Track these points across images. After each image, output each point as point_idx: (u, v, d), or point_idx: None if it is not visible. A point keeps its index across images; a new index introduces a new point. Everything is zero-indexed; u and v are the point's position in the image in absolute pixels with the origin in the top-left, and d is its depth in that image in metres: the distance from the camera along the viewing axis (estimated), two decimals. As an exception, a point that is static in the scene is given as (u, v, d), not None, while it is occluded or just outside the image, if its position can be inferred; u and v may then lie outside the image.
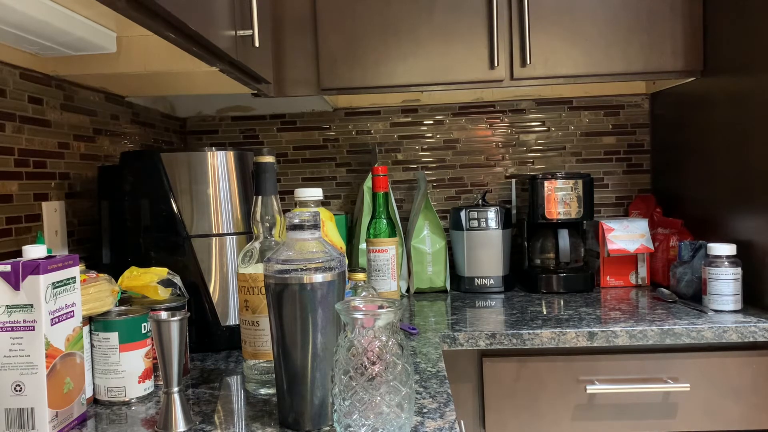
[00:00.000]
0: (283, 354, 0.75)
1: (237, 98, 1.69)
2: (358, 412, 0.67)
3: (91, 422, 0.84)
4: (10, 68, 1.06)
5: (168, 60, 1.11)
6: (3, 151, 1.04)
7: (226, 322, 1.16)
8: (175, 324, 0.77)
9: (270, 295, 0.76)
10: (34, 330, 0.75)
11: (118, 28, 1.03)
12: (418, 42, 1.51)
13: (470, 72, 1.52)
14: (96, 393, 0.90)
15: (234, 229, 1.18)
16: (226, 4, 1.05)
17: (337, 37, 1.52)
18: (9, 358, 0.75)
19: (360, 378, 0.67)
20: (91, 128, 1.33)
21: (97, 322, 0.89)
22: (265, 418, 0.81)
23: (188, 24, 0.84)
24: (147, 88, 1.44)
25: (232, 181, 1.18)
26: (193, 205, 1.15)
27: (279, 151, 1.93)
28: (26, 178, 1.10)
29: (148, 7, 0.75)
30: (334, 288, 0.75)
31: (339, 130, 1.93)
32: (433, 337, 1.21)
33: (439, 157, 1.90)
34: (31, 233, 1.10)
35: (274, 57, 1.50)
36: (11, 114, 1.06)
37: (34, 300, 0.75)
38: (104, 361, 0.89)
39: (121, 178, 1.17)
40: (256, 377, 0.90)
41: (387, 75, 1.52)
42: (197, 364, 1.07)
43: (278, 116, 1.93)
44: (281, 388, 0.77)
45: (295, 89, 1.54)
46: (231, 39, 1.06)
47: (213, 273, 1.16)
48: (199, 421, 0.81)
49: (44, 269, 0.75)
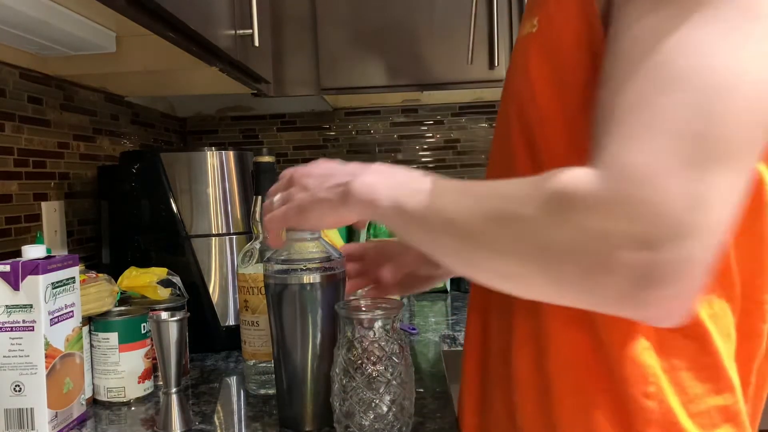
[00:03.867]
0: (282, 354, 0.75)
1: (237, 98, 1.69)
2: (357, 413, 0.67)
3: (90, 422, 0.84)
4: (10, 68, 1.06)
5: (168, 60, 1.10)
6: (2, 151, 1.04)
7: (225, 322, 1.16)
8: (175, 324, 0.77)
9: (270, 295, 0.75)
10: (34, 330, 0.75)
11: (118, 27, 1.02)
12: (418, 42, 1.51)
13: (470, 72, 1.51)
14: (95, 393, 0.90)
15: (234, 229, 1.18)
16: (226, 4, 1.05)
17: (337, 36, 1.51)
18: (8, 359, 0.75)
19: (360, 378, 0.67)
20: (91, 128, 1.33)
21: (96, 322, 0.89)
22: (265, 418, 0.81)
23: (188, 24, 0.84)
24: (147, 87, 1.44)
25: (231, 181, 1.18)
26: (192, 205, 1.15)
27: (279, 151, 1.93)
28: (26, 178, 1.10)
29: (148, 7, 0.75)
30: (334, 288, 0.75)
31: (339, 130, 1.93)
32: (433, 337, 1.21)
33: (439, 157, 1.90)
34: (30, 233, 1.10)
35: (273, 57, 1.50)
36: (11, 114, 1.06)
37: (34, 300, 0.74)
38: (104, 362, 0.89)
39: (121, 178, 1.17)
40: (256, 377, 0.90)
41: (387, 75, 1.52)
42: (197, 364, 1.07)
43: (278, 116, 1.93)
44: (281, 389, 0.76)
45: (294, 89, 1.53)
46: (231, 38, 1.06)
47: (213, 273, 1.16)
48: (198, 421, 0.81)
49: (44, 269, 0.75)
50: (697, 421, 0.55)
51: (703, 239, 0.43)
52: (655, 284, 0.43)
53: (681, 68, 0.44)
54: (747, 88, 0.44)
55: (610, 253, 0.43)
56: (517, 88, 0.62)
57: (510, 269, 0.50)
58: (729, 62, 0.44)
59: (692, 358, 0.55)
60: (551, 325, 0.58)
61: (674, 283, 0.43)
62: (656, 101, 0.45)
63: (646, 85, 0.45)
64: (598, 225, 0.44)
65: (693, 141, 0.43)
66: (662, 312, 0.45)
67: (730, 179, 0.44)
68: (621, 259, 0.43)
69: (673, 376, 0.55)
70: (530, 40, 0.59)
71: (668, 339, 0.55)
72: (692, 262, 0.43)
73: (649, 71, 0.46)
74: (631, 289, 0.44)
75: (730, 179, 0.44)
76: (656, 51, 0.45)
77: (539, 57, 0.58)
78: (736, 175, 0.44)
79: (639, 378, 0.55)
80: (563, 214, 0.45)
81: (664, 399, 0.54)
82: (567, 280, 0.46)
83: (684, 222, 0.42)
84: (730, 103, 0.44)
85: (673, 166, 0.43)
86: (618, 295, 0.44)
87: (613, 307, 0.46)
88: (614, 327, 0.55)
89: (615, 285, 0.44)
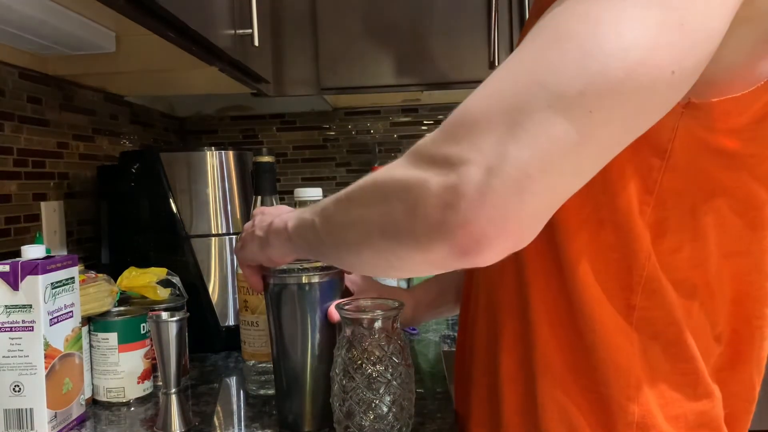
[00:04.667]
0: (282, 354, 0.75)
1: (236, 98, 1.69)
2: (357, 413, 0.67)
3: (90, 423, 0.83)
4: (9, 68, 1.06)
5: (168, 59, 1.10)
6: (2, 151, 1.04)
7: (225, 322, 1.16)
8: (174, 324, 0.77)
9: (269, 296, 0.75)
10: (33, 330, 0.75)
11: (118, 27, 1.02)
12: (418, 41, 1.51)
13: (470, 72, 1.51)
14: (95, 393, 0.90)
15: (233, 229, 1.18)
16: (226, 4, 1.05)
17: (337, 36, 1.51)
18: (8, 359, 0.75)
19: (360, 378, 0.66)
20: (90, 128, 1.33)
21: (96, 322, 0.89)
22: (265, 418, 0.81)
23: (188, 23, 0.84)
24: (146, 87, 1.43)
25: (231, 181, 1.18)
26: (192, 205, 1.15)
27: (278, 150, 1.93)
28: (25, 178, 1.10)
29: (148, 7, 0.75)
30: (333, 288, 0.75)
31: (339, 129, 1.92)
32: (433, 337, 1.21)
33: (438, 156, 1.90)
34: (29, 233, 1.10)
35: (273, 56, 1.50)
36: (10, 114, 1.06)
37: (33, 300, 0.74)
38: (103, 362, 0.88)
39: (121, 178, 1.17)
40: (256, 378, 0.90)
41: (387, 75, 1.52)
42: (196, 365, 1.07)
43: (278, 116, 1.93)
44: (280, 389, 0.76)
45: (294, 89, 1.53)
46: (230, 38, 1.06)
47: (212, 273, 1.16)
48: (198, 421, 0.81)
49: (43, 269, 0.75)
50: (673, 424, 0.56)
51: (511, 172, 0.41)
52: (454, 208, 0.42)
53: (567, 29, 0.43)
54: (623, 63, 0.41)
55: (420, 185, 0.44)
56: None
57: (361, 239, 0.52)
58: (616, 34, 0.41)
59: (672, 363, 0.56)
60: (538, 325, 0.59)
61: (471, 207, 0.42)
62: (526, 57, 0.45)
63: (529, 45, 0.45)
64: (417, 166, 0.46)
65: (540, 87, 0.42)
66: (462, 240, 0.43)
67: (570, 129, 0.41)
68: (427, 188, 0.44)
69: (653, 381, 0.56)
70: None
71: (650, 345, 0.56)
72: (494, 189, 0.41)
73: (537, 32, 0.45)
74: (436, 217, 0.43)
75: (570, 129, 0.41)
76: (552, 13, 0.45)
77: None
78: (575, 128, 0.41)
79: (621, 381, 0.56)
80: (398, 169, 0.48)
81: (645, 402, 0.56)
82: (394, 230, 0.47)
83: (493, 153, 0.42)
84: (600, 67, 0.41)
85: (505, 105, 0.43)
86: (427, 227, 0.44)
87: (426, 245, 0.45)
88: (599, 329, 0.56)
89: (424, 215, 0.44)
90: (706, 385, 0.57)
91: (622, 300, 0.56)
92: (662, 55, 0.41)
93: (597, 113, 0.41)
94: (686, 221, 0.55)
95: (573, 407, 0.58)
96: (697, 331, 0.57)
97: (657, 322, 0.56)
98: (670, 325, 0.56)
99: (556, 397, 0.58)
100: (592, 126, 0.42)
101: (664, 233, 0.55)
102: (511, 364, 0.62)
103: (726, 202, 0.54)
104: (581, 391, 0.58)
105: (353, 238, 0.52)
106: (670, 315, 0.56)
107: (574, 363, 0.58)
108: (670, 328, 0.56)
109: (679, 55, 0.42)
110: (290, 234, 0.64)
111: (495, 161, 0.41)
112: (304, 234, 0.62)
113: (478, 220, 0.42)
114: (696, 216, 0.54)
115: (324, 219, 0.57)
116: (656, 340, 0.56)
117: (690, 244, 0.55)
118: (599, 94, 0.41)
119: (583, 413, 0.58)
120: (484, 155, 0.42)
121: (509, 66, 0.46)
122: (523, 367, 0.61)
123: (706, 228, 0.55)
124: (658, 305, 0.55)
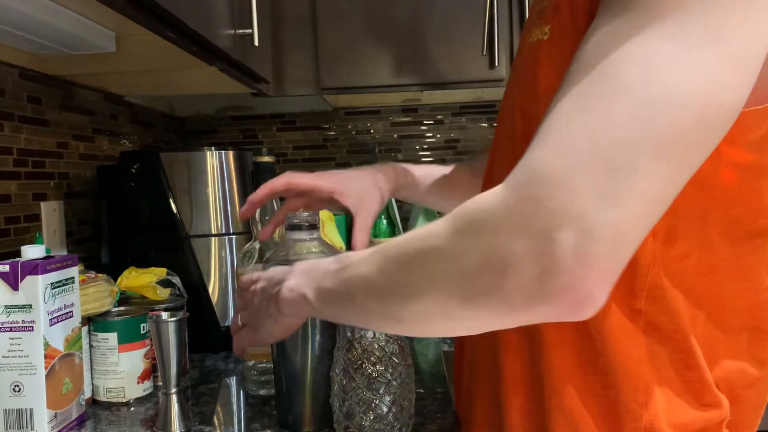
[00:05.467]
0: (282, 355, 0.75)
1: (236, 98, 1.69)
2: (357, 413, 0.67)
3: (90, 423, 0.83)
4: (9, 68, 1.06)
5: (167, 59, 1.10)
6: (1, 151, 1.04)
7: (225, 322, 1.16)
8: (174, 324, 0.77)
9: (269, 296, 0.75)
10: (33, 330, 0.75)
11: (118, 27, 1.02)
12: (417, 41, 1.51)
13: (470, 72, 1.51)
14: (95, 393, 0.90)
15: (233, 229, 1.18)
16: (226, 3, 1.05)
17: (336, 36, 1.51)
18: (7, 359, 0.75)
19: (359, 379, 0.66)
20: (90, 128, 1.33)
21: (95, 322, 0.89)
22: (265, 419, 0.81)
23: (188, 23, 0.84)
24: (146, 87, 1.43)
25: (231, 181, 1.18)
26: (192, 205, 1.15)
27: (278, 150, 1.93)
28: (25, 178, 1.10)
29: (148, 7, 0.75)
30: (333, 288, 0.74)
31: (339, 129, 1.92)
32: (433, 337, 1.21)
33: (439, 157, 1.90)
34: (29, 233, 1.10)
35: (273, 56, 1.50)
36: (10, 114, 1.06)
37: (33, 300, 0.74)
38: (103, 362, 0.88)
39: (121, 178, 1.17)
40: (256, 378, 0.90)
41: (387, 75, 1.52)
42: (196, 365, 1.07)
43: (278, 116, 1.93)
44: (280, 389, 0.76)
45: (294, 89, 1.53)
46: (230, 38, 1.06)
47: (212, 273, 1.16)
48: (198, 421, 0.81)
49: (43, 269, 0.75)
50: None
51: (605, 234, 0.42)
52: (555, 275, 0.42)
53: (630, 78, 0.43)
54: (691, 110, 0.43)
55: (511, 254, 0.43)
56: (523, 93, 0.62)
57: (432, 308, 0.49)
58: (680, 80, 0.43)
59: (677, 370, 0.56)
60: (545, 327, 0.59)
61: (573, 273, 0.42)
62: (593, 107, 0.44)
63: (589, 91, 0.44)
64: (501, 234, 0.44)
65: (620, 146, 0.42)
66: (568, 304, 0.43)
67: (654, 183, 0.43)
68: (520, 256, 0.43)
69: (661, 386, 0.56)
70: (540, 47, 0.59)
71: (658, 349, 0.56)
72: (593, 253, 0.41)
73: (596, 78, 0.44)
74: (534, 285, 0.43)
75: (654, 183, 0.43)
76: (609, 58, 0.44)
77: (549, 65, 0.57)
78: (657, 182, 0.43)
79: (630, 385, 0.56)
80: (471, 238, 0.46)
81: (653, 408, 0.55)
82: (482, 299, 0.46)
83: (587, 216, 0.41)
84: (671, 118, 0.42)
85: (587, 165, 0.42)
86: (525, 294, 0.43)
87: (524, 311, 0.45)
88: (608, 333, 0.56)
89: (520, 285, 0.43)
90: (714, 395, 0.56)
91: (628, 306, 0.56)
92: (724, 94, 0.44)
93: (673, 162, 0.43)
94: (696, 229, 0.54)
95: (581, 411, 0.57)
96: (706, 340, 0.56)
97: (664, 328, 0.56)
98: (677, 332, 0.55)
99: (564, 401, 0.58)
100: (670, 174, 0.44)
101: (675, 240, 0.55)
102: (517, 367, 0.62)
103: (737, 211, 0.54)
104: (589, 395, 0.57)
105: (419, 310, 0.50)
106: (675, 322, 0.55)
107: (582, 367, 0.57)
108: (677, 335, 0.55)
109: (737, 89, 0.44)
110: (315, 306, 0.60)
111: (588, 224, 0.41)
112: (339, 307, 0.58)
113: (582, 283, 0.42)
114: (706, 224, 0.54)
115: (368, 291, 0.54)
116: (663, 345, 0.56)
117: (698, 251, 0.55)
118: (673, 144, 0.43)
119: (592, 417, 0.57)
120: (574, 219, 0.42)
121: (573, 117, 0.45)
122: (529, 370, 0.61)
123: (715, 236, 0.55)
124: (663, 311, 0.55)
